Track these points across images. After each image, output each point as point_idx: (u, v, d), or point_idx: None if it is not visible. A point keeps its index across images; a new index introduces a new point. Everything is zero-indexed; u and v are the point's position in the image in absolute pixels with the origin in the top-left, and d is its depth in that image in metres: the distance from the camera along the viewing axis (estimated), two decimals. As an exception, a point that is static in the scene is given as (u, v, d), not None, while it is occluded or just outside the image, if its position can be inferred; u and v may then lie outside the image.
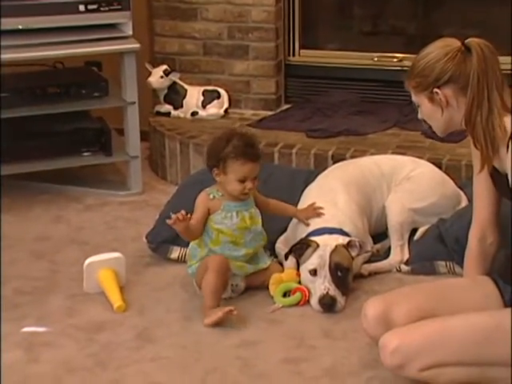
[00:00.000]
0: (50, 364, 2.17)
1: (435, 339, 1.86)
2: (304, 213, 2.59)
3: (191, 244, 2.50)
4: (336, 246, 2.44)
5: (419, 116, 2.07)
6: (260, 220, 2.49)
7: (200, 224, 2.43)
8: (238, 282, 2.47)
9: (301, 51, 3.70)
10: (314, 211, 2.58)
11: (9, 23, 3.04)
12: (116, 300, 2.42)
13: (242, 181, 2.40)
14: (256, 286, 2.50)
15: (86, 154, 3.29)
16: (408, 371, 1.88)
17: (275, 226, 2.75)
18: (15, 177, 3.27)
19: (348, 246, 2.47)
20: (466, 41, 1.96)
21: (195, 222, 2.40)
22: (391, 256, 2.67)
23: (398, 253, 2.66)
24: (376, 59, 3.60)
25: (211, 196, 2.45)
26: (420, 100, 2.02)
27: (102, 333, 2.31)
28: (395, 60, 3.58)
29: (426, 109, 2.02)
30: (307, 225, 2.56)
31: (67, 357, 2.20)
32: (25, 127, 3.25)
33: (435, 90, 1.97)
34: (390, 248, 2.69)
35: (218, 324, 2.29)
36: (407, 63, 3.55)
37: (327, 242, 2.46)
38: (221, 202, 2.44)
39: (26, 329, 2.33)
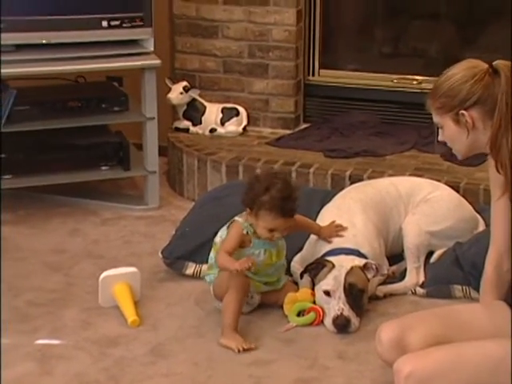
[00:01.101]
0: (63, 377, 2.18)
1: (448, 366, 1.85)
2: (327, 231, 2.59)
3: (212, 254, 2.50)
4: (352, 268, 2.44)
5: (440, 138, 2.06)
6: (285, 252, 2.50)
7: (232, 253, 2.42)
8: (252, 294, 2.48)
9: (320, 71, 3.71)
10: (336, 229, 2.58)
11: (33, 38, 3.09)
12: (130, 314, 2.43)
13: (272, 230, 2.40)
14: (270, 303, 2.50)
15: (104, 167, 3.31)
16: None
17: (292, 244, 2.74)
18: (33, 189, 3.30)
19: (364, 268, 2.47)
20: (494, 63, 1.95)
21: (231, 250, 2.40)
22: (407, 278, 2.66)
23: (414, 275, 2.66)
24: (395, 81, 3.61)
25: (245, 231, 2.44)
26: (444, 121, 2.01)
27: (115, 347, 2.32)
28: (415, 82, 3.58)
29: (449, 131, 2.00)
30: (329, 243, 2.56)
31: (80, 370, 2.21)
32: (44, 140, 3.28)
33: (461, 111, 1.95)
34: (405, 270, 2.69)
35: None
36: (427, 85, 3.56)
37: (343, 263, 2.46)
38: (251, 238, 2.44)
39: (39, 341, 2.35)
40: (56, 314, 2.50)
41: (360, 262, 2.47)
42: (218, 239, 2.47)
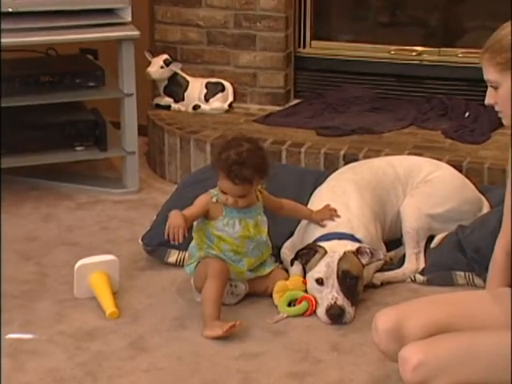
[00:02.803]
0: (36, 373, 2.17)
1: (463, 355, 1.84)
2: (319, 215, 2.59)
3: (192, 243, 2.50)
4: (345, 253, 2.45)
5: (489, 100, 1.93)
6: (266, 229, 2.49)
7: (190, 221, 2.42)
8: (236, 283, 2.47)
9: (312, 42, 3.70)
10: (330, 213, 2.58)
11: (-2, 6, 3.06)
12: (108, 306, 2.43)
13: (225, 193, 2.42)
14: (258, 292, 2.51)
15: (79, 148, 3.30)
16: None
17: (281, 229, 2.75)
18: (2, 171, 3.27)
19: (358, 252, 2.47)
20: None
21: (189, 216, 2.40)
22: (405, 265, 2.67)
23: (413, 261, 2.66)
24: (393, 52, 3.60)
25: (214, 199, 2.45)
26: (503, 79, 1.89)
27: (92, 341, 2.31)
28: (414, 53, 3.58)
29: (507, 90, 1.88)
30: (322, 227, 2.56)
31: (55, 366, 2.20)
32: (14, 118, 3.25)
33: None
34: (404, 256, 2.69)
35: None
36: (426, 57, 3.57)
37: (335, 249, 2.46)
38: (222, 207, 2.44)
39: (10, 335, 2.34)
40: (28, 307, 2.49)
41: (353, 246, 2.47)
42: (195, 222, 2.47)
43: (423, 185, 2.76)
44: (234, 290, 2.47)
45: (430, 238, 2.73)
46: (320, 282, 2.44)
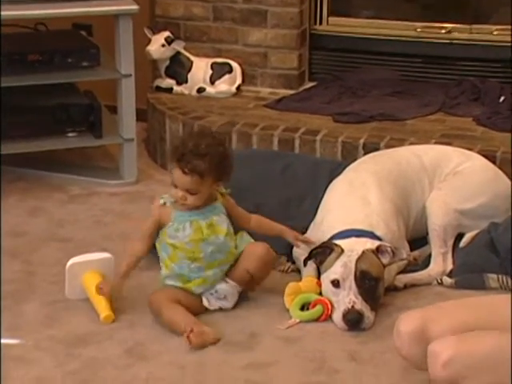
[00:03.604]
0: (22, 382, 2.17)
1: (499, 355, 1.85)
2: (292, 233, 2.60)
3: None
4: (363, 252, 2.45)
5: None
6: (225, 229, 2.46)
7: (148, 238, 2.46)
8: (215, 288, 2.46)
9: (329, 19, 3.70)
10: (303, 237, 2.60)
11: (-18, -24, 3.07)
12: (103, 309, 2.43)
13: (175, 186, 2.42)
14: (243, 282, 2.48)
15: (71, 134, 3.30)
16: None
17: (293, 226, 2.75)
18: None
19: (378, 251, 2.47)
20: None
21: (145, 233, 2.45)
22: (431, 266, 2.66)
23: (440, 262, 2.66)
24: (419, 30, 3.59)
25: (161, 201, 2.47)
26: None
27: (85, 347, 2.32)
28: (443, 31, 3.57)
29: None
30: (297, 246, 2.59)
31: (43, 374, 2.20)
32: (-1, 101, 3.27)
33: None
34: (430, 256, 2.69)
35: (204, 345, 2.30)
36: (457, 35, 3.55)
37: (353, 247, 2.46)
38: (172, 211, 2.45)
39: (-5, 340, 2.35)
40: (14, 309, 2.49)
41: (373, 244, 2.47)
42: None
43: (452, 177, 2.76)
44: (217, 296, 2.47)
45: (459, 237, 2.73)
46: (336, 283, 2.44)
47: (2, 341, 2.34)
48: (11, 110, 3.27)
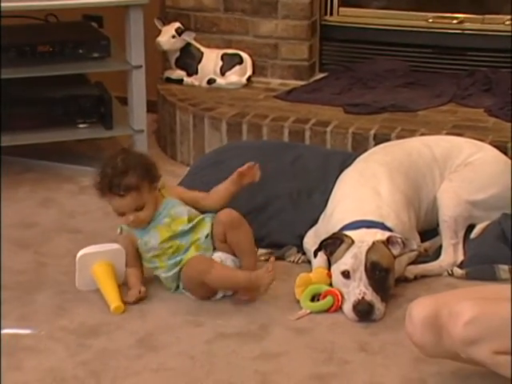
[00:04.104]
0: (35, 372, 2.19)
1: None
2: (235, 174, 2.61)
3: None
4: (373, 243, 2.45)
5: None
6: (185, 217, 2.50)
7: (136, 261, 2.54)
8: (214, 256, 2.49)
9: (340, 9, 3.69)
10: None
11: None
12: (113, 300, 2.44)
13: (122, 214, 2.47)
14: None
15: (82, 125, 3.32)
16: (479, 350, 1.87)
17: (304, 217, 2.76)
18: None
19: (388, 242, 2.47)
20: None
21: (129, 264, 2.53)
22: (442, 257, 2.66)
23: (451, 253, 2.66)
24: (431, 20, 3.58)
25: (118, 230, 2.55)
26: None
27: (96, 338, 2.33)
28: (454, 21, 3.56)
29: None
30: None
31: (55, 365, 2.22)
32: (9, 92, 3.27)
33: None
34: (440, 247, 2.69)
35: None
36: (469, 25, 3.54)
37: (363, 238, 2.46)
38: (133, 231, 2.51)
39: (6, 330, 2.35)
40: (26, 299, 2.50)
41: (383, 235, 2.47)
42: None
43: (463, 168, 2.75)
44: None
45: (470, 228, 2.72)
46: (346, 274, 2.44)
47: (14, 331, 2.35)
48: (22, 101, 3.29)
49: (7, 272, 2.65)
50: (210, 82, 3.58)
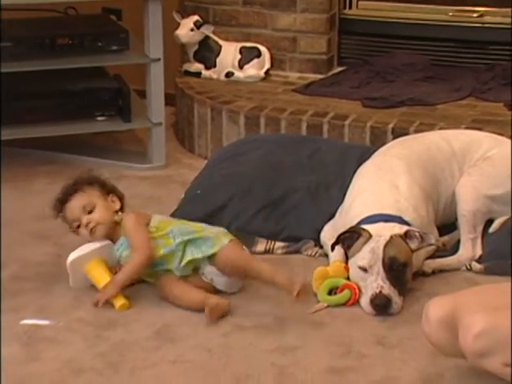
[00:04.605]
0: (53, 363, 2.21)
1: None
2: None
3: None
4: (391, 237, 2.44)
5: None
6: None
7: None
8: (202, 270, 2.46)
9: (359, 3, 3.68)
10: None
11: (14, -40, 3.09)
12: (117, 298, 2.42)
13: (77, 225, 2.49)
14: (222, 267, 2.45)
15: (100, 118, 3.33)
16: (489, 362, 1.87)
17: (321, 211, 2.76)
18: (15, 143, 3.32)
19: (406, 236, 2.46)
20: None
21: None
22: (460, 251, 2.66)
23: (469, 248, 2.65)
24: (451, 14, 3.57)
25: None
26: None
27: (114, 329, 2.34)
28: (475, 15, 3.54)
29: None
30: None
31: (73, 356, 2.23)
32: (29, 84, 3.30)
33: None
34: (459, 242, 2.68)
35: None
36: (490, 19, 3.52)
37: (381, 232, 2.46)
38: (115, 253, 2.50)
39: (25, 321, 2.37)
40: (44, 290, 2.52)
41: (401, 229, 2.47)
42: None
43: (482, 162, 2.74)
44: (208, 280, 2.46)
45: (489, 222, 2.71)
46: (364, 268, 2.44)
47: (33, 321, 2.37)
48: (41, 93, 3.30)
49: (27, 263, 2.67)
50: (228, 75, 3.59)
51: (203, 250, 2.43)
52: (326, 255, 2.64)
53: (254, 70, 3.58)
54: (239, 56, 3.58)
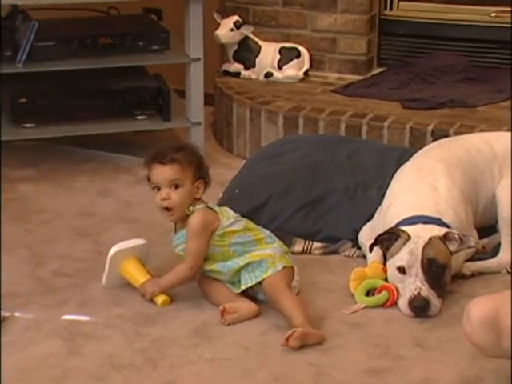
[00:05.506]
0: (93, 358, 2.24)
1: None
2: None
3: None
4: (430, 239, 2.44)
5: None
6: None
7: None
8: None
9: (400, 3, 3.67)
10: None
11: (58, -39, 3.13)
12: (159, 295, 2.44)
13: (158, 188, 2.41)
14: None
15: (140, 117, 3.36)
16: None
17: (360, 211, 2.76)
18: (58, 141, 3.36)
19: (445, 238, 2.45)
20: None
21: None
22: (500, 254, 2.64)
23: (509, 251, 2.64)
24: (494, 15, 3.54)
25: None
26: None
27: (152, 326, 2.36)
28: (516, 17, 3.52)
29: None
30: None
31: (112, 351, 2.26)
32: (71, 83, 3.33)
33: None
34: (499, 245, 2.67)
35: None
36: (531, 21, 3.49)
37: (420, 234, 2.45)
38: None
39: (66, 316, 2.41)
40: (84, 287, 2.55)
41: (440, 231, 2.46)
42: None
43: (523, 165, 2.73)
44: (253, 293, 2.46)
45: (529, 226, 2.70)
46: (402, 270, 2.43)
47: (73, 317, 2.40)
48: (82, 92, 3.34)
49: (67, 260, 2.70)
50: (268, 75, 3.60)
51: (256, 275, 2.40)
52: (364, 256, 2.64)
53: (293, 70, 3.59)
54: (278, 56, 3.59)
